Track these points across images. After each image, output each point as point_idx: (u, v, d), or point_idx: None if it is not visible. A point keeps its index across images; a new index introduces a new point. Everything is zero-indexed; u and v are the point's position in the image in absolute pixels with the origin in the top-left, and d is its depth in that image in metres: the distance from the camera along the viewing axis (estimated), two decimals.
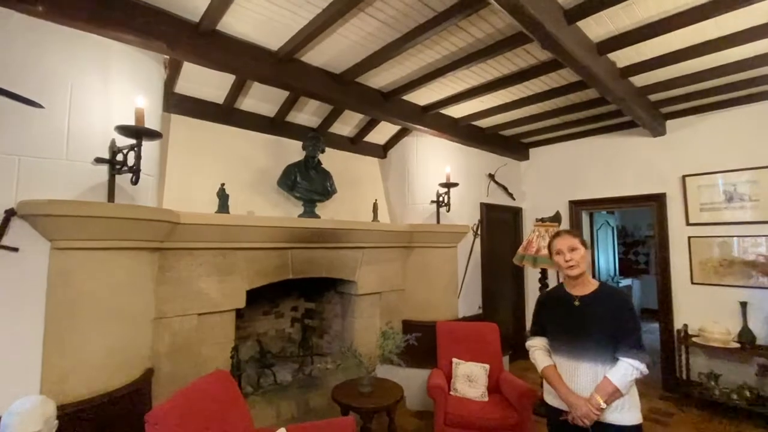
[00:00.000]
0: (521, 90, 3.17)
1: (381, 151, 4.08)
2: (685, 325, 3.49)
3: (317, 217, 3.11)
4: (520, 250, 3.25)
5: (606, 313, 1.59)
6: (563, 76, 2.92)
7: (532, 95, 3.27)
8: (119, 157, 1.92)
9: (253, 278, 2.62)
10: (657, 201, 3.79)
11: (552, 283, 4.49)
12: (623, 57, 2.63)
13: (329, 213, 3.40)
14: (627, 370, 1.53)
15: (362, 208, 3.67)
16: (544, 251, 3.01)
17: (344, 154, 3.76)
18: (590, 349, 1.58)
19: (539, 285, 3.39)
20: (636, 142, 4.00)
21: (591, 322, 1.60)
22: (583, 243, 1.71)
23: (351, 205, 3.64)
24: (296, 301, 3.71)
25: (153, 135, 1.90)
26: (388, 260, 3.53)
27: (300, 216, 3.07)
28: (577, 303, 1.66)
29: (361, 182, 3.82)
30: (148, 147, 2.10)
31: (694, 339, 3.31)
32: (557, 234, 1.75)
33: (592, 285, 1.70)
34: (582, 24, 2.23)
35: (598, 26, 2.27)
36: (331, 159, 3.46)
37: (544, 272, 3.44)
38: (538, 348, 1.80)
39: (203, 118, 2.87)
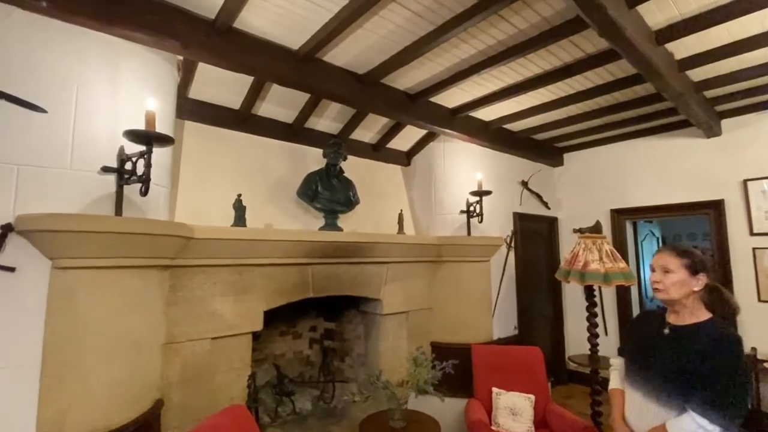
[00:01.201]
0: (562, 88, 3.02)
1: (404, 159, 4.02)
2: (754, 349, 3.20)
3: (339, 229, 3.02)
4: (565, 264, 3.06)
5: (697, 354, 1.36)
6: (611, 72, 2.75)
7: (573, 94, 3.12)
8: (128, 166, 1.83)
9: (271, 297, 2.53)
10: (714, 209, 3.54)
11: (608, 303, 4.21)
12: (682, 47, 2.43)
13: (351, 225, 3.33)
14: (690, 426, 1.30)
15: (386, 219, 3.61)
16: (594, 266, 2.82)
17: (366, 161, 3.71)
18: (664, 390, 1.38)
19: (587, 303, 3.16)
20: (688, 144, 3.78)
21: (675, 358, 1.39)
22: (689, 266, 1.47)
23: (374, 216, 3.57)
24: (315, 320, 3.61)
25: (165, 140, 1.81)
26: (415, 276, 3.44)
27: (321, 229, 2.99)
28: (666, 331, 1.47)
29: (385, 192, 3.77)
30: (160, 155, 2.02)
31: (765, 364, 3.03)
32: (659, 249, 1.58)
33: (695, 316, 1.47)
34: (642, 9, 2.05)
35: (659, 11, 2.08)
36: (352, 167, 3.41)
37: (590, 289, 3.21)
38: (615, 368, 1.70)
39: (218, 125, 2.83)
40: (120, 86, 1.90)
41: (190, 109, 2.68)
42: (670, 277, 1.47)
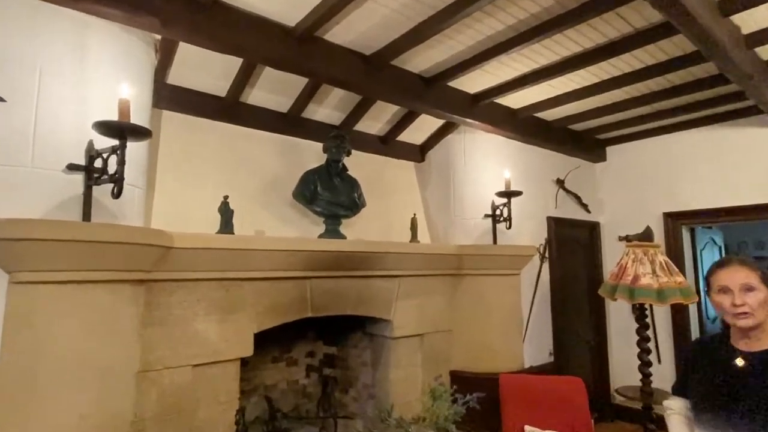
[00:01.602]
0: (606, 69, 2.99)
1: (418, 153, 4.03)
2: None
3: (342, 237, 3.03)
4: (610, 278, 3.06)
5: None
6: (664, 49, 2.73)
7: (619, 76, 3.10)
8: (98, 163, 1.84)
9: (263, 317, 2.54)
10: None
11: (662, 326, 4.16)
12: (751, 20, 2.40)
13: (356, 232, 3.32)
14: None
15: (396, 225, 3.60)
16: (645, 280, 2.80)
17: (373, 157, 3.71)
18: None
19: (637, 324, 3.13)
20: (757, 135, 3.74)
21: (758, 396, 1.33)
22: (765, 281, 1.43)
23: (383, 221, 3.57)
24: (313, 344, 3.59)
25: (141, 133, 1.82)
26: (432, 292, 3.43)
27: (321, 236, 3.00)
28: (740, 363, 1.41)
29: (395, 192, 3.77)
30: (135, 150, 2.03)
31: None
32: (722, 263, 1.51)
33: None
34: None
35: None
36: (357, 164, 3.40)
37: (641, 307, 3.17)
38: (675, 413, 1.62)
39: (202, 115, 2.85)
40: (89, 70, 1.90)
41: (169, 96, 2.68)
42: (754, 296, 1.41)
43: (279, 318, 2.59)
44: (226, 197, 2.56)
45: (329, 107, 3.29)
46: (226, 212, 2.53)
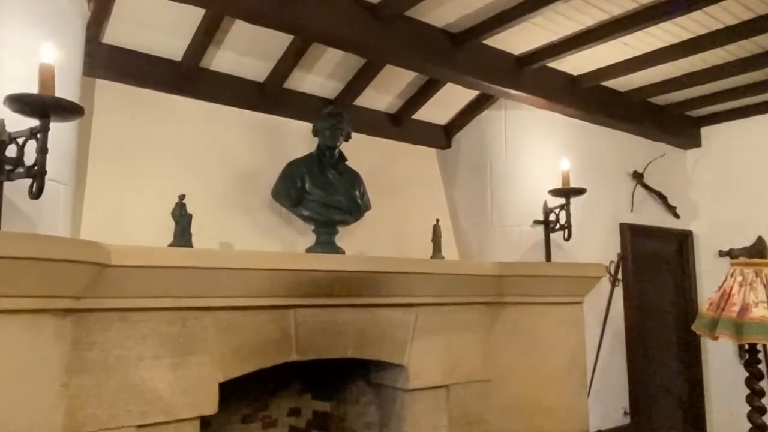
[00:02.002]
0: (701, 21, 2.98)
1: (442, 137, 4.01)
2: None
3: (339, 251, 3.05)
4: (708, 309, 3.04)
5: None
6: None
7: (719, 31, 3.07)
8: (10, 151, 1.84)
9: (231, 361, 2.53)
10: None
11: None
12: None
13: (358, 244, 3.33)
14: None
15: (412, 234, 3.61)
16: (758, 312, 2.78)
17: (381, 142, 3.70)
18: None
19: (746, 372, 3.09)
20: None
21: None
22: None
23: (393, 229, 3.60)
24: (298, 398, 3.58)
25: (69, 111, 1.83)
26: (461, 327, 3.41)
27: (310, 250, 3.02)
28: None
29: (410, 190, 3.78)
30: (60, 133, 2.01)
31: None
32: None
33: None
34: None
35: None
36: (359, 151, 3.39)
37: (752, 349, 3.15)
38: None
39: (150, 86, 2.87)
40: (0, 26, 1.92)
41: (106, 61, 2.70)
42: None
43: (253, 362, 2.58)
44: (182, 197, 2.55)
45: (322, 75, 3.27)
46: (182, 218, 2.52)
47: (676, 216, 4.57)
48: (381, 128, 3.69)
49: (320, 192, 3.02)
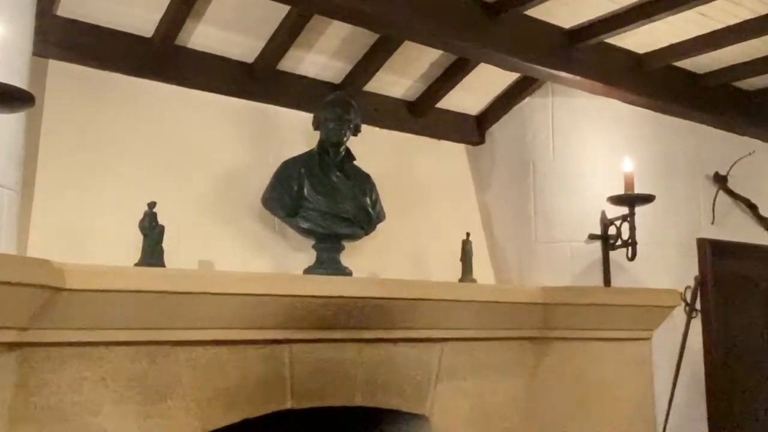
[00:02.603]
0: None
1: (472, 130, 3.95)
2: None
3: (345, 272, 2.96)
4: None
5: None
6: None
7: None
8: None
9: (211, 409, 2.51)
10: None
11: None
12: None
13: (367, 263, 3.25)
14: None
15: (436, 251, 3.54)
16: None
17: (397, 136, 3.64)
18: None
19: None
20: None
21: None
22: None
23: (412, 244, 3.51)
24: None
25: (15, 99, 1.81)
26: (497, 368, 3.33)
27: (309, 271, 2.94)
28: None
29: (433, 195, 3.71)
30: (3, 127, 2.02)
31: None
32: None
33: None
34: None
35: None
36: (369, 147, 3.31)
37: None
38: None
39: (114, 69, 2.82)
40: None
41: (60, 37, 2.66)
42: None
43: (238, 411, 2.55)
44: (152, 205, 2.50)
45: (324, 53, 3.23)
46: (152, 230, 2.48)
47: None
48: (398, 119, 3.65)
49: (322, 199, 2.97)
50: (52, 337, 2.14)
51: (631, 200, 3.35)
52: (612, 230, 3.55)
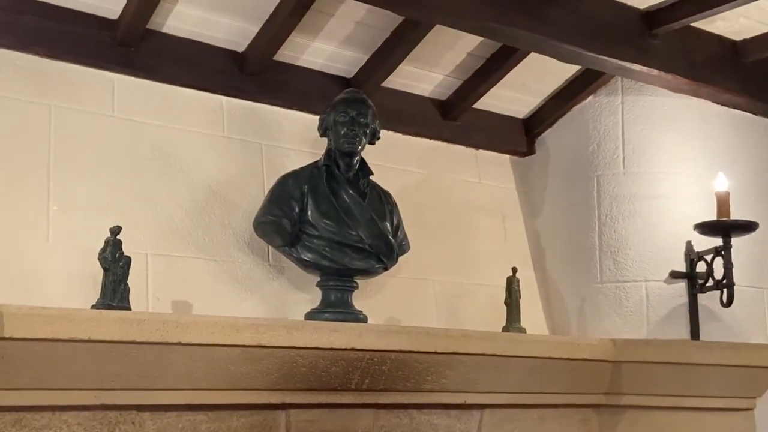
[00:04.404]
0: None
1: (519, 137, 3.87)
2: None
3: (359, 318, 2.89)
4: None
5: None
6: None
7: None
8: None
9: None
10: None
11: None
12: None
13: (387, 307, 3.20)
14: None
15: (473, 292, 3.51)
16: None
17: (424, 144, 3.59)
18: None
19: None
20: None
21: None
22: None
23: (444, 283, 3.46)
24: None
25: None
26: None
27: (312, 316, 2.86)
28: None
29: (469, 220, 3.67)
30: None
31: None
32: None
33: None
34: None
35: None
36: (389, 158, 3.31)
37: None
38: None
39: (72, 58, 2.81)
40: None
41: (3, 20, 2.65)
42: None
43: None
44: (115, 231, 2.41)
45: (334, 41, 3.18)
46: (114, 263, 2.41)
47: None
48: (426, 123, 3.57)
49: (330, 223, 2.90)
50: None
51: (726, 228, 3.23)
52: (701, 267, 3.40)
